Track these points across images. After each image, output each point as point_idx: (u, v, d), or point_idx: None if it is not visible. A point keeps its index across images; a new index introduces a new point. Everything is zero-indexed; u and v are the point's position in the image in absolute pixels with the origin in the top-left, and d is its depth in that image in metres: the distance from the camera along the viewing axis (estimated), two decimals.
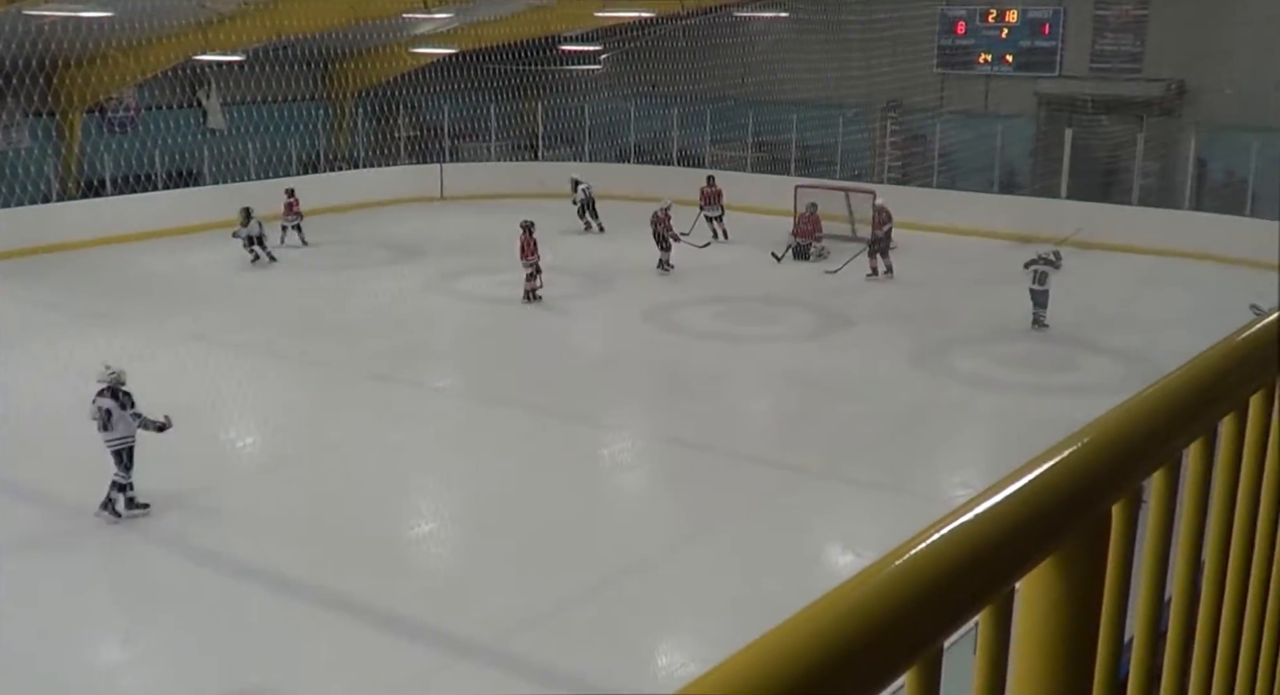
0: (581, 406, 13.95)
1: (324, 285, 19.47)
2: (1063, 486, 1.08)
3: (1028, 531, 1.04)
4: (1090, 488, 1.12)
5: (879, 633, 0.89)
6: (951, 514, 1.02)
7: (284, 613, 8.99)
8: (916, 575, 0.94)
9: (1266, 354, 1.51)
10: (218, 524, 10.41)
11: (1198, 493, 1.42)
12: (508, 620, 8.86)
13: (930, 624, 0.94)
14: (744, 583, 9.51)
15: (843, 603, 0.90)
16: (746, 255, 22.56)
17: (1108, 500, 1.16)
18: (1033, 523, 1.05)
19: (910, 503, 10.97)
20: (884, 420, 13.57)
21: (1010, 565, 1.03)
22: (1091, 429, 1.18)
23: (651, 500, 11.76)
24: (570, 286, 19.89)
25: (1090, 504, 1.12)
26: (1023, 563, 1.05)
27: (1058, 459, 1.11)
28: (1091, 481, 1.12)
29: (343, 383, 14.56)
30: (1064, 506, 1.08)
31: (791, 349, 16.57)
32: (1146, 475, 1.25)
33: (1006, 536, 1.02)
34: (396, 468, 11.90)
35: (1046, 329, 16.94)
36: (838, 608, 0.90)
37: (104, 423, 10.37)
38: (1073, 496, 1.09)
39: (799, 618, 0.88)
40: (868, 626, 0.89)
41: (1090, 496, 1.12)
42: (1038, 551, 1.07)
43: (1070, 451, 1.12)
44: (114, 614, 9.18)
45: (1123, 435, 1.20)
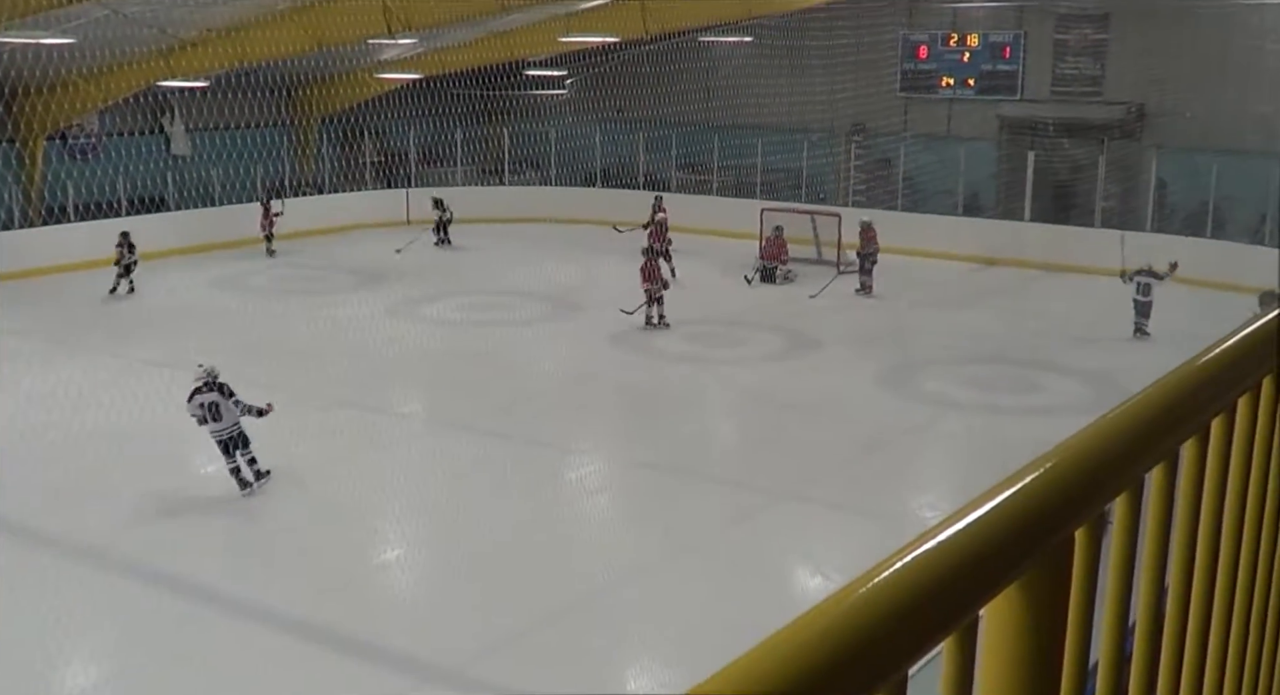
0: (548, 430, 13.92)
1: (288, 310, 19.37)
2: (1026, 512, 1.08)
3: (991, 558, 1.04)
4: (1054, 513, 1.12)
5: (843, 660, 0.88)
6: (915, 541, 1.02)
7: (247, 640, 8.89)
8: (880, 603, 0.94)
9: (1229, 377, 1.52)
10: (180, 552, 10.29)
11: (1161, 516, 1.43)
12: (473, 645, 8.80)
13: (894, 652, 0.93)
14: (712, 606, 9.48)
15: (806, 631, 0.89)
16: (713, 278, 22.62)
17: (1071, 525, 1.16)
18: (996, 549, 1.04)
19: (878, 525, 10.98)
20: (851, 442, 13.60)
21: (974, 592, 1.03)
22: (1055, 453, 1.18)
23: (618, 524, 11.72)
24: (538, 309, 19.88)
25: (1054, 530, 1.12)
26: (986, 590, 1.05)
27: (1021, 485, 1.11)
28: (1055, 507, 1.12)
29: (307, 408, 14.44)
30: (1027, 532, 1.08)
31: (759, 371, 16.60)
32: (1110, 500, 1.25)
33: (970, 563, 1.01)
34: (361, 494, 11.82)
35: (1148, 337, 17.36)
36: (801, 636, 0.89)
37: (210, 416, 11.41)
38: (1036, 522, 1.09)
39: (763, 646, 0.87)
40: (831, 654, 0.88)
41: (1054, 522, 1.12)
42: (1001, 578, 1.06)
43: (1033, 477, 1.12)
44: (72, 639, 9.04)
45: (1086, 460, 1.20)
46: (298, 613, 9.25)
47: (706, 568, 10.30)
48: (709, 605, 9.51)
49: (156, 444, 12.99)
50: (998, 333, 18.40)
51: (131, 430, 13.21)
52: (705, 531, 11.06)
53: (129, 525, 10.85)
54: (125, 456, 12.46)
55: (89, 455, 12.50)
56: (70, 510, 11.10)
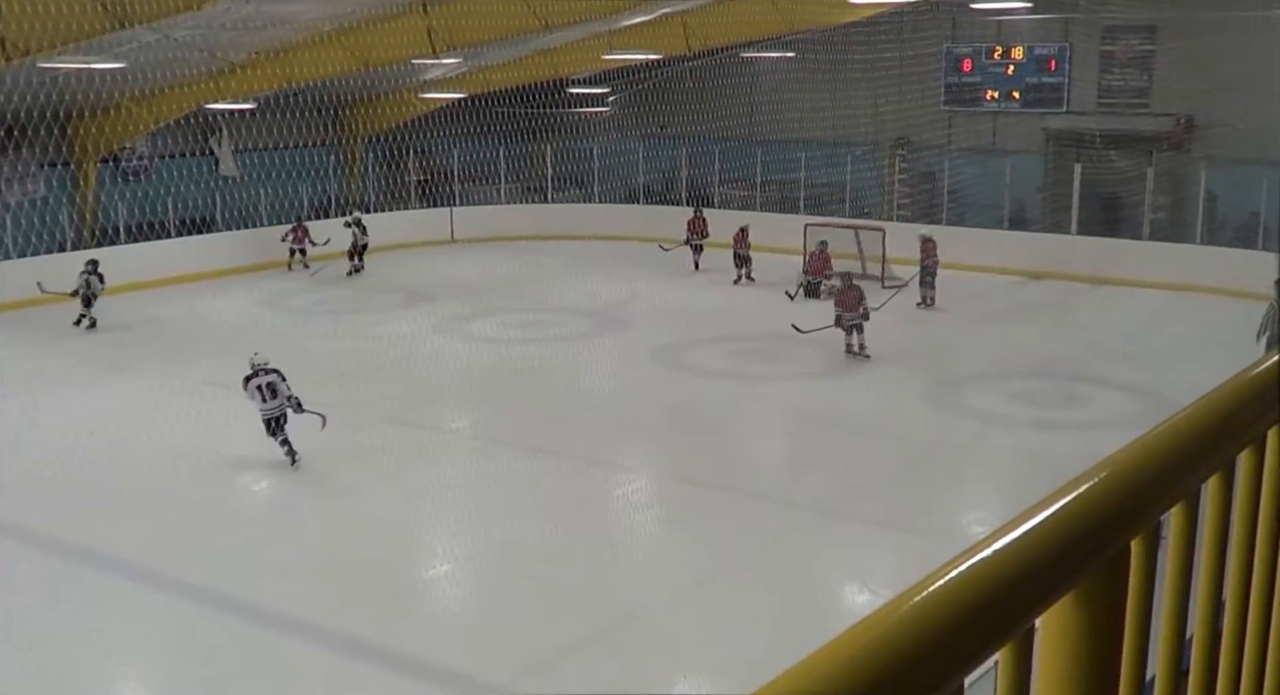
0: (593, 447, 13.94)
1: (336, 329, 19.52)
2: (1081, 522, 1.08)
3: (1047, 568, 1.04)
4: (1109, 523, 1.11)
5: (898, 670, 0.88)
6: (970, 550, 1.01)
7: (297, 658, 8.95)
8: (935, 612, 0.94)
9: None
10: (230, 570, 10.38)
11: (1217, 528, 1.41)
12: (521, 662, 8.81)
13: (950, 661, 0.93)
14: (759, 623, 9.44)
15: (861, 640, 0.90)
16: (755, 294, 22.60)
17: (1126, 535, 1.15)
18: (1052, 558, 1.04)
19: (925, 541, 10.89)
20: (897, 458, 13.52)
21: (1030, 602, 1.03)
22: (1108, 463, 1.18)
23: (665, 541, 11.70)
24: (583, 326, 19.93)
25: (1109, 539, 1.11)
26: (1042, 599, 1.05)
27: (1075, 494, 1.10)
28: (1110, 516, 1.11)
29: (356, 426, 14.55)
30: (1083, 542, 1.07)
31: (803, 387, 16.55)
32: (1165, 510, 1.24)
33: (1025, 572, 1.01)
34: (410, 510, 11.88)
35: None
36: (855, 645, 0.89)
37: (269, 395, 12.71)
38: (1091, 532, 1.08)
39: (817, 656, 0.87)
40: (886, 665, 0.88)
41: (1109, 531, 1.11)
42: (1057, 588, 1.06)
43: (1088, 486, 1.12)
44: (123, 660, 9.14)
45: (1140, 469, 1.19)
46: (347, 629, 9.30)
47: (752, 584, 10.26)
48: (755, 622, 9.47)
49: (206, 462, 13.14)
50: (1044, 347, 18.24)
51: (182, 449, 13.36)
52: (750, 548, 11.02)
53: (179, 543, 10.96)
54: (175, 475, 12.60)
55: (139, 474, 12.65)
56: (121, 528, 11.24)
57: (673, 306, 21.41)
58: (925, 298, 21.18)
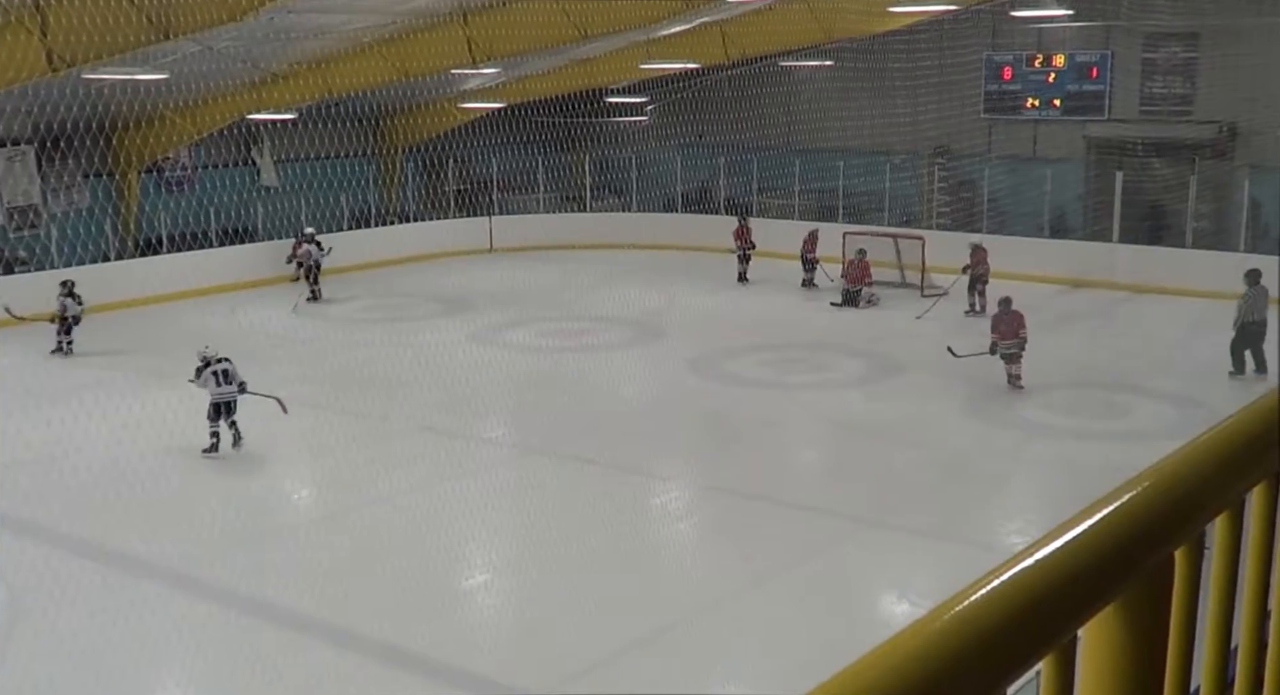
0: (630, 456, 13.94)
1: (375, 338, 19.64)
2: (1124, 531, 1.06)
3: (1090, 577, 1.02)
4: (1152, 532, 1.10)
5: (940, 681, 0.88)
6: (1012, 559, 1.01)
7: (336, 666, 8.99)
8: (978, 622, 0.93)
9: None
10: (271, 575, 10.45)
11: (1262, 538, 1.39)
12: (559, 671, 8.81)
13: (992, 672, 0.92)
14: (797, 632, 9.41)
15: (903, 650, 0.89)
16: (794, 302, 22.55)
17: (1170, 545, 1.14)
18: (1095, 568, 1.03)
19: (965, 551, 10.82)
20: (936, 467, 13.44)
21: (1072, 612, 1.02)
22: (1152, 473, 1.17)
23: (702, 550, 11.68)
24: (620, 335, 19.95)
25: (1153, 549, 1.10)
26: (1085, 609, 1.04)
27: (1118, 503, 1.09)
28: (1153, 526, 1.10)
29: (393, 434, 14.63)
30: (1126, 552, 1.06)
31: (842, 396, 16.48)
32: (1209, 520, 1.23)
33: (1068, 582, 1.00)
34: (448, 519, 11.91)
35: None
36: (898, 655, 0.89)
37: (224, 380, 13.60)
38: (1135, 541, 1.07)
39: (858, 665, 0.86)
40: (928, 674, 0.88)
41: (1153, 541, 1.10)
42: (1100, 597, 1.05)
43: (1131, 496, 1.11)
44: (163, 667, 9.21)
45: (1184, 479, 1.18)
46: (385, 637, 9.33)
47: (790, 594, 10.22)
48: (793, 632, 9.43)
49: (247, 471, 13.25)
50: (1086, 356, 18.09)
51: (222, 458, 13.47)
52: (788, 558, 10.97)
53: (219, 551, 11.05)
54: (217, 483, 12.71)
55: (181, 482, 12.77)
56: (163, 536, 11.34)
57: (710, 315, 21.40)
58: (974, 305, 21.09)
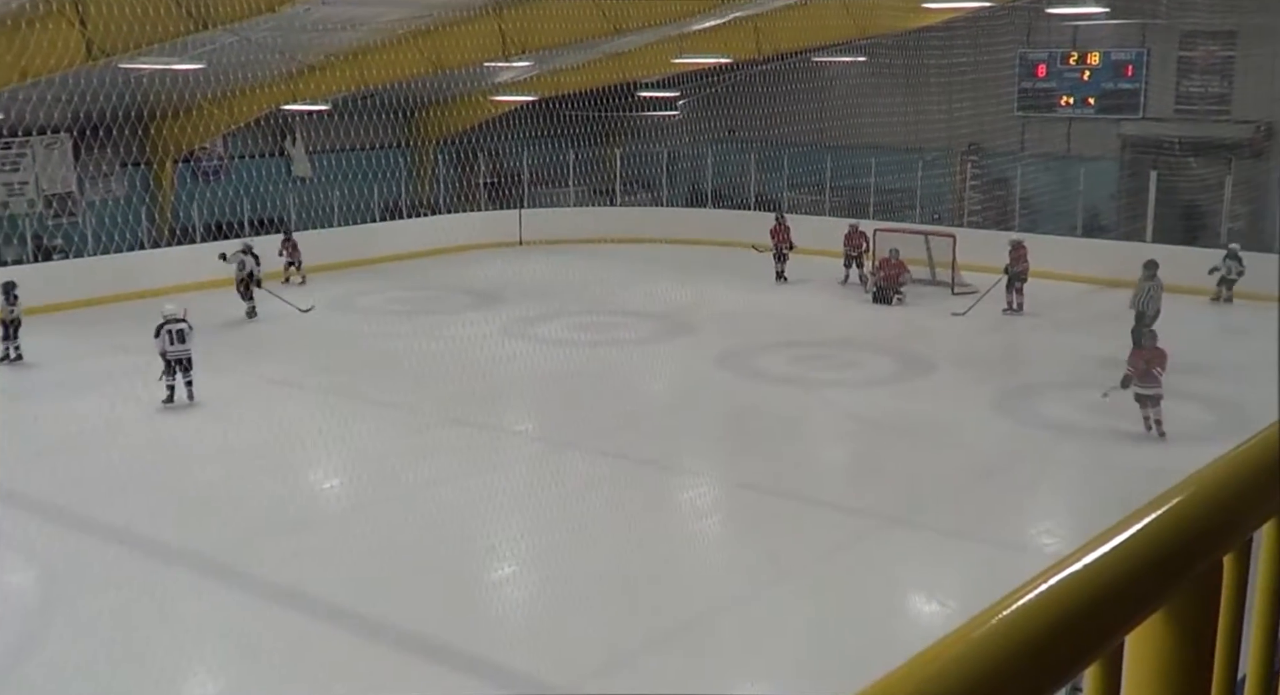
0: (657, 451, 13.94)
1: (405, 330, 19.71)
2: (1172, 537, 1.05)
3: (1135, 584, 1.01)
4: (1200, 539, 1.09)
5: (985, 686, 0.87)
6: (1058, 564, 1.00)
7: (365, 654, 9.04)
8: (1021, 629, 0.92)
9: None
10: (301, 564, 10.51)
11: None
12: (587, 665, 8.83)
13: (1036, 679, 0.91)
14: (824, 632, 9.39)
15: (947, 654, 0.88)
16: (824, 299, 22.50)
17: (1218, 551, 1.12)
18: (1140, 575, 1.02)
19: (994, 552, 10.78)
20: (965, 467, 13.37)
21: (1119, 618, 1.01)
22: (1199, 478, 1.15)
23: (728, 547, 11.68)
24: (649, 329, 19.95)
25: (1200, 555, 1.09)
26: (1131, 616, 1.02)
27: (1166, 508, 1.08)
28: (1201, 532, 1.09)
29: (423, 426, 14.69)
30: (1173, 558, 1.05)
31: (870, 394, 16.43)
32: (1258, 525, 1.21)
33: (1113, 589, 0.99)
34: (475, 510, 11.94)
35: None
36: (942, 659, 0.88)
37: (176, 340, 14.84)
38: (1182, 548, 1.06)
39: (903, 670, 0.86)
40: (973, 680, 0.87)
41: (1200, 547, 1.09)
42: (1147, 605, 1.04)
43: (1178, 501, 1.09)
44: (195, 656, 9.27)
45: (1232, 484, 1.16)
46: (414, 629, 9.37)
47: (816, 593, 10.20)
48: (820, 631, 9.42)
49: (276, 461, 13.33)
50: (1118, 356, 17.94)
51: (252, 447, 13.56)
52: (815, 556, 10.96)
53: (251, 540, 11.12)
54: (246, 473, 12.79)
55: (212, 472, 12.86)
56: (195, 524, 11.42)
57: (740, 311, 21.36)
58: (1011, 303, 21.01)
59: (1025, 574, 1.04)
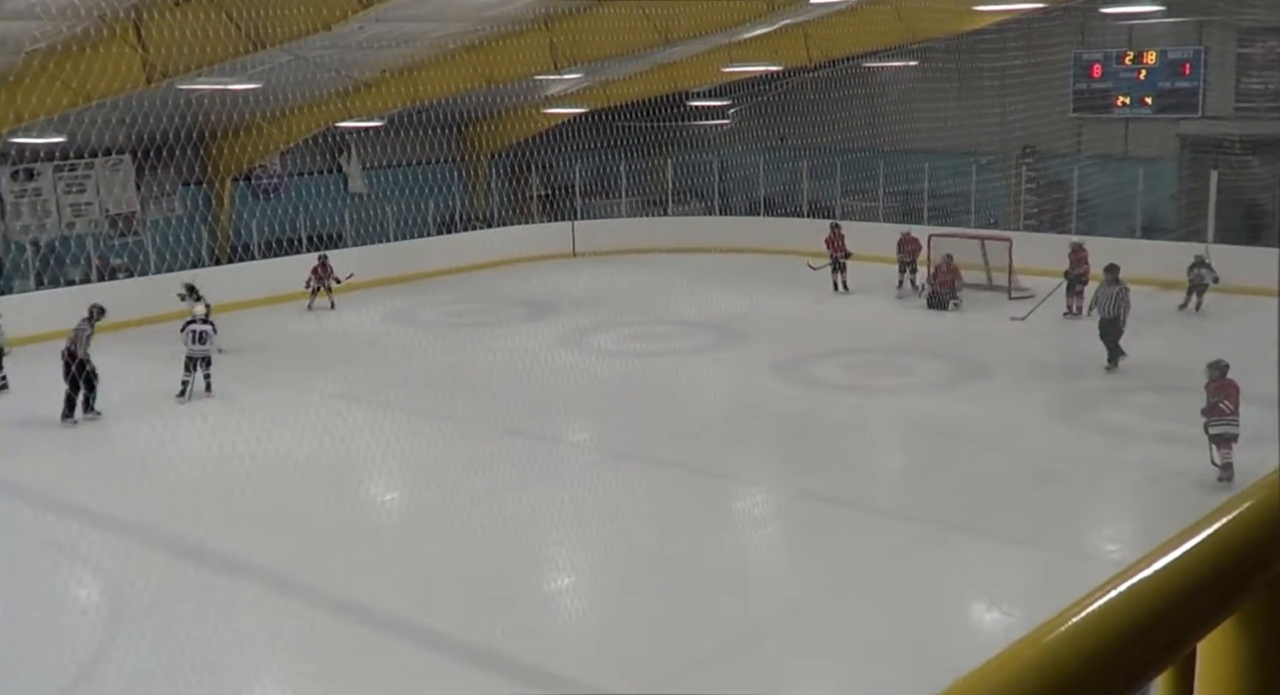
0: (715, 460, 13.92)
1: (461, 343, 19.82)
2: (1243, 542, 1.04)
3: (1207, 590, 1.00)
4: (1271, 543, 1.07)
5: (1056, 693, 0.86)
6: (1126, 572, 0.99)
7: (428, 665, 9.09)
8: (1091, 636, 0.91)
9: None
10: (361, 577, 10.60)
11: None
12: (646, 676, 8.82)
13: (1106, 686, 0.90)
14: (885, 640, 9.32)
15: (1018, 660, 0.88)
16: (879, 305, 22.37)
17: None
18: (1212, 581, 1.01)
19: (1055, 558, 10.65)
20: (1024, 473, 13.24)
21: (1189, 626, 1.00)
22: (1267, 483, 1.14)
23: (786, 556, 11.63)
24: (704, 339, 19.94)
25: (1272, 560, 1.08)
26: (1202, 623, 1.01)
27: (1236, 513, 1.07)
28: (1272, 537, 1.08)
29: (481, 438, 14.76)
30: (1245, 563, 1.04)
31: (927, 400, 16.30)
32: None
33: (1184, 595, 0.98)
34: (533, 521, 11.98)
35: None
36: (1013, 665, 0.88)
37: (198, 340, 16.17)
38: (1254, 553, 1.05)
39: (974, 676, 0.85)
40: (1043, 686, 0.86)
41: (1272, 552, 1.07)
42: (1218, 611, 1.03)
43: (1249, 505, 1.08)
44: (261, 666, 9.37)
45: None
46: (472, 639, 9.42)
47: (876, 601, 10.13)
48: (879, 640, 9.35)
49: (337, 473, 13.46)
50: (1177, 359, 17.70)
51: (313, 460, 13.70)
52: (873, 564, 10.89)
53: (312, 552, 11.23)
54: (308, 486, 12.92)
55: (273, 485, 12.99)
56: (258, 538, 11.54)
57: (794, 319, 21.30)
58: (1072, 306, 20.80)
59: (1088, 581, 1.03)
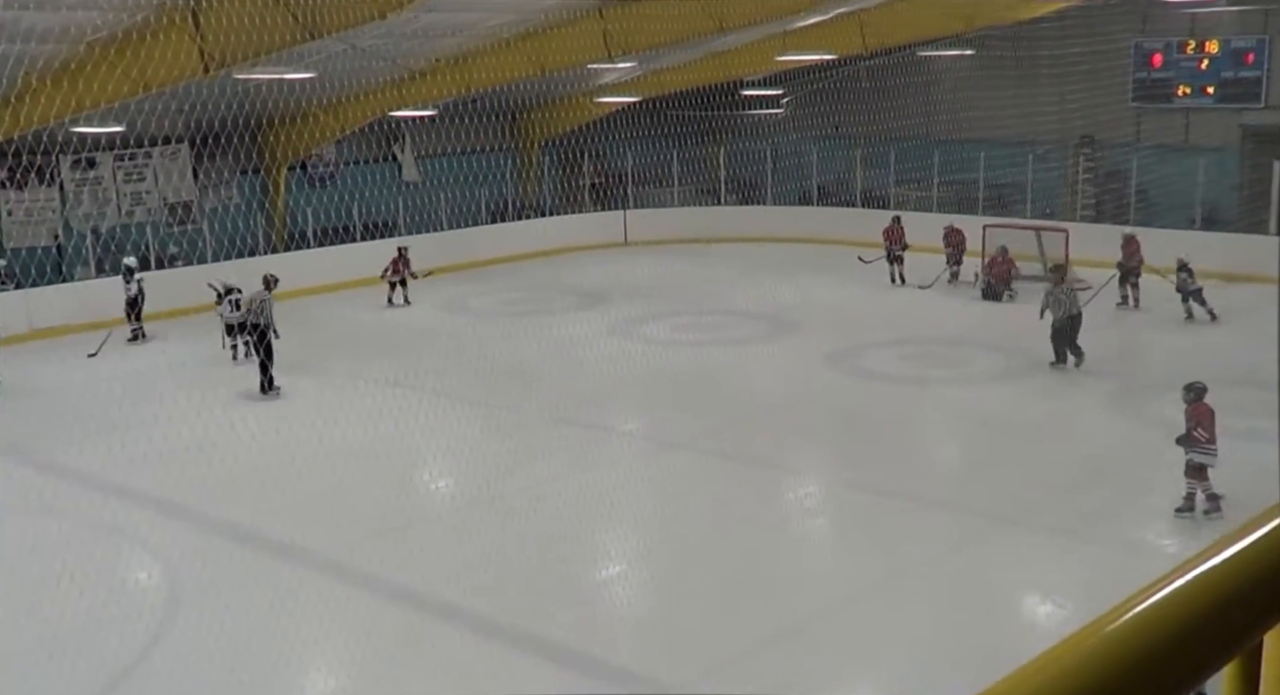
0: (765, 450, 13.89)
1: (515, 331, 19.91)
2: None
3: (1274, 581, 0.98)
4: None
5: (1120, 683, 0.85)
6: (1192, 560, 0.97)
7: (477, 651, 9.15)
8: (1155, 626, 0.90)
9: None
10: (413, 563, 10.68)
11: None
12: (695, 663, 8.83)
13: (1171, 678, 0.89)
14: (937, 631, 9.27)
15: (1080, 648, 0.87)
16: (933, 296, 22.20)
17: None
18: (1278, 571, 0.99)
19: (1109, 553, 10.54)
20: (1080, 466, 13.10)
21: (1255, 617, 0.98)
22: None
23: (837, 546, 11.58)
24: (756, 329, 19.89)
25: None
26: (1270, 614, 0.99)
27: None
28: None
29: (532, 426, 14.83)
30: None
31: (981, 392, 16.17)
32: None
33: (1251, 586, 0.97)
34: (583, 510, 12.02)
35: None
36: (1076, 654, 0.86)
37: (233, 307, 17.63)
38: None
39: (1036, 663, 0.84)
40: (1102, 680, 0.85)
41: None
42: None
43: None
44: (311, 650, 9.47)
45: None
46: (524, 626, 9.47)
47: (928, 593, 10.07)
48: (933, 631, 9.30)
49: (389, 460, 13.57)
50: (1239, 353, 17.42)
51: (365, 447, 13.82)
52: (927, 557, 10.82)
53: (363, 538, 11.33)
54: (360, 472, 13.04)
55: (326, 470, 13.12)
56: (311, 523, 11.67)
57: (847, 309, 21.20)
58: (1125, 298, 20.66)
59: (1143, 576, 1.01)
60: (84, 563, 10.82)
